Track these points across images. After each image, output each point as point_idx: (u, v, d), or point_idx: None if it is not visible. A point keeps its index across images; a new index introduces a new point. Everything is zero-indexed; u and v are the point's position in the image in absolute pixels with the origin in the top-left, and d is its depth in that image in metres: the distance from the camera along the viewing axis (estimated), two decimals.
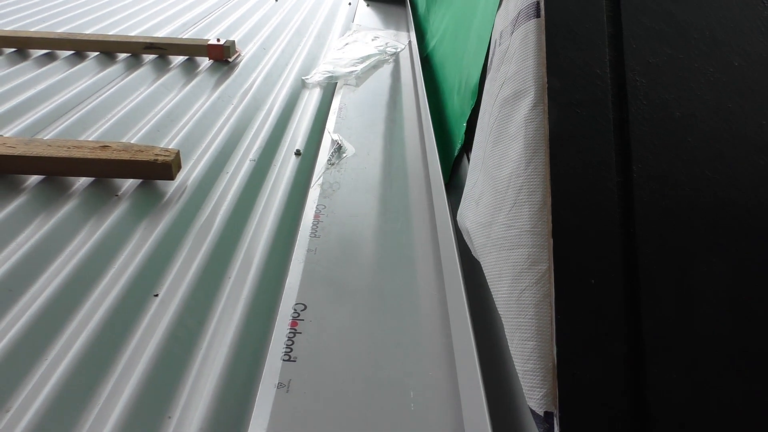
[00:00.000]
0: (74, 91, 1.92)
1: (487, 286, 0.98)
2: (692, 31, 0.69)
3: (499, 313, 0.69)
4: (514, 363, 0.64)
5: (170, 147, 1.62)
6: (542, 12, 0.71)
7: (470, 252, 0.98)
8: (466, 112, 1.23)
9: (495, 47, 0.87)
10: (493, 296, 0.71)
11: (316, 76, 2.22)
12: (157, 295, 1.09)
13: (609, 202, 0.63)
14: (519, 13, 0.77)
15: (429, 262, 1.16)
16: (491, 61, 0.89)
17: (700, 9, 0.71)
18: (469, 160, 1.24)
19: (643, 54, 0.68)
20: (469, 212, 0.84)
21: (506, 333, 0.67)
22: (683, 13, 0.70)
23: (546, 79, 0.67)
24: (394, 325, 1.01)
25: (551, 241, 0.62)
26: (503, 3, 0.89)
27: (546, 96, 0.67)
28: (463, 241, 0.99)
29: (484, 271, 0.75)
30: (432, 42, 2.15)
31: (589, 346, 0.58)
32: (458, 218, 0.94)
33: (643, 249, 0.61)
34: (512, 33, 0.79)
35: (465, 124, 1.23)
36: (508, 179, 0.71)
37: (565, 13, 0.70)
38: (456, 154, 1.33)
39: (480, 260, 0.77)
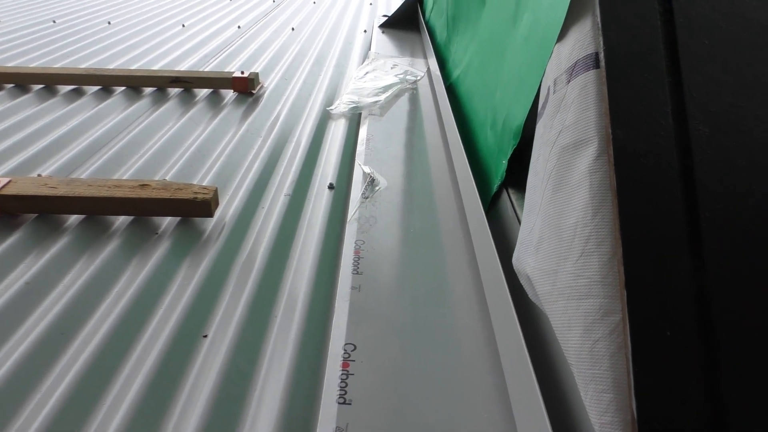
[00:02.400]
0: (106, 127, 1.95)
1: (540, 329, 0.99)
2: (750, 78, 0.71)
3: (569, 362, 0.70)
4: (589, 415, 0.65)
5: (205, 182, 1.64)
6: (602, 63, 0.73)
7: (518, 290, 0.99)
8: (505, 151, 1.25)
9: (549, 94, 0.89)
10: (562, 345, 0.72)
11: (341, 106, 2.25)
12: (206, 336, 1.11)
13: (680, 253, 0.64)
14: (576, 63, 0.79)
15: (471, 297, 1.17)
16: (544, 106, 0.91)
17: (757, 56, 0.72)
18: (509, 196, 1.25)
19: (703, 103, 0.70)
20: (529, 258, 0.85)
21: (578, 384, 0.67)
22: (740, 60, 0.72)
23: (610, 130, 0.69)
24: (444, 363, 1.01)
25: (624, 292, 0.63)
26: (555, 50, 0.91)
27: (611, 147, 0.68)
28: (510, 281, 1.00)
29: (550, 319, 0.76)
30: (455, 71, 2.17)
31: (670, 400, 0.59)
32: (515, 262, 0.95)
33: (717, 301, 0.62)
34: (568, 82, 0.81)
35: (505, 162, 1.25)
36: (573, 228, 0.72)
37: (625, 65, 0.72)
38: (495, 190, 1.34)
39: (544, 307, 0.78)
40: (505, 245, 1.19)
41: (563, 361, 0.86)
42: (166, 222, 1.45)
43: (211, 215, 1.44)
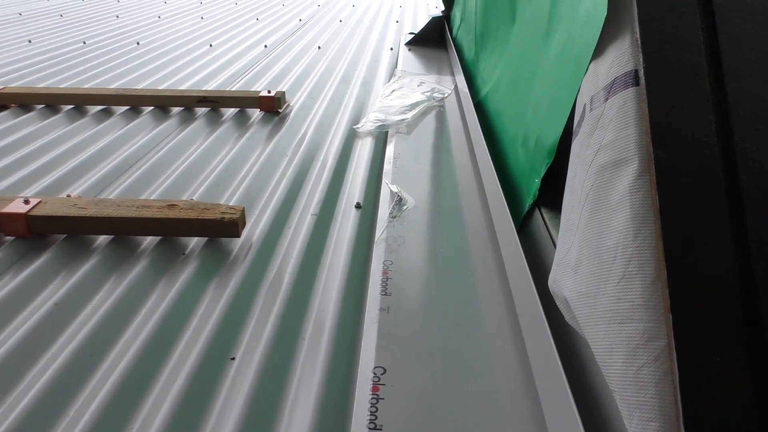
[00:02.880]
0: (134, 147, 1.97)
1: (578, 353, 0.96)
2: None
3: (612, 389, 0.67)
4: None
5: (232, 202, 1.64)
6: (642, 80, 0.71)
7: (554, 313, 0.96)
8: (538, 169, 1.23)
9: (585, 112, 0.87)
10: (603, 371, 0.69)
11: (367, 124, 2.24)
12: (234, 359, 1.09)
13: (728, 276, 0.61)
14: (614, 80, 0.77)
15: (503, 319, 1.14)
16: (579, 124, 0.89)
17: None
18: (542, 216, 1.23)
19: (750, 121, 0.67)
20: (567, 280, 0.82)
21: (622, 411, 0.64)
22: None
23: (651, 149, 0.66)
24: (476, 388, 0.98)
25: (669, 316, 0.61)
26: (590, 67, 0.89)
27: (652, 166, 0.66)
28: (545, 303, 0.97)
29: (590, 344, 0.73)
30: (484, 89, 2.15)
31: (721, 430, 0.55)
32: (551, 284, 0.92)
33: None
34: (606, 99, 0.79)
35: (538, 181, 1.23)
36: (614, 250, 0.70)
37: (667, 82, 0.69)
38: (527, 209, 1.31)
39: (583, 331, 0.76)
40: (538, 266, 1.16)
41: (604, 387, 0.83)
42: (194, 242, 1.45)
43: (238, 235, 1.43)
